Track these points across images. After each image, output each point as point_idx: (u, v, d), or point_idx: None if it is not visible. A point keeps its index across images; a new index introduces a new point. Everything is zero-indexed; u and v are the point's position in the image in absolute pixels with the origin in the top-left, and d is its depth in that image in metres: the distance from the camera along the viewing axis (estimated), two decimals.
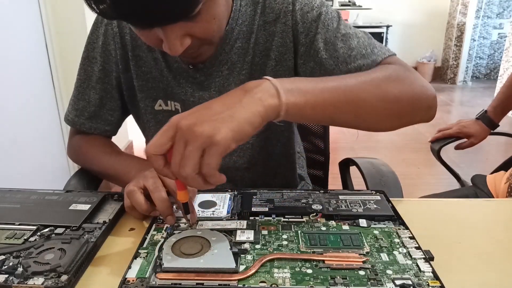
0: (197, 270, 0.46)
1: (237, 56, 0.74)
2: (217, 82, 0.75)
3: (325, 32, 0.70)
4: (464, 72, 5.22)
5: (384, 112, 0.60)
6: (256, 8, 0.73)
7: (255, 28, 0.73)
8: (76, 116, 0.80)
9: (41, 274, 0.46)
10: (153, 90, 0.77)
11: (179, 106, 0.78)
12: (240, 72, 0.75)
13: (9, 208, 0.62)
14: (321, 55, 0.70)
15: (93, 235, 0.55)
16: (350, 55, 0.68)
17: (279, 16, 0.73)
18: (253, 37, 0.73)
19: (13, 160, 1.60)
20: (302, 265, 0.48)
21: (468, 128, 1.31)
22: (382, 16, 5.27)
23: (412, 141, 3.20)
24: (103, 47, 0.77)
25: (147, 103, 0.79)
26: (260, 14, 0.73)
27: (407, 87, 0.62)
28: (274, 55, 0.74)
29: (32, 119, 1.76)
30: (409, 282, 0.45)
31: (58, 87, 1.93)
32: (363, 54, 0.68)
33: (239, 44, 0.73)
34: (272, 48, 0.74)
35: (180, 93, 0.76)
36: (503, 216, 0.65)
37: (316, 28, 0.70)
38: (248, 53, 0.74)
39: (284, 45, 0.73)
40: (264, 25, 0.73)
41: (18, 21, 1.66)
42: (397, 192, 0.78)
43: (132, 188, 0.58)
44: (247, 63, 0.74)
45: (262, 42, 0.74)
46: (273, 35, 0.74)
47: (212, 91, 0.75)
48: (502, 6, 5.18)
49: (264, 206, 0.61)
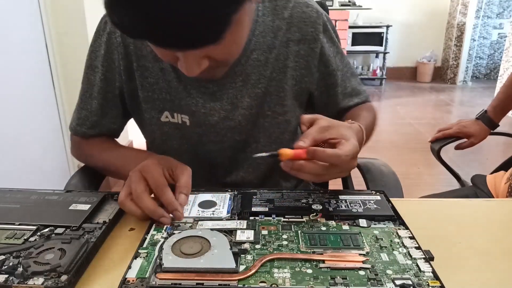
0: (197, 270, 0.46)
1: (252, 68, 0.73)
2: (230, 93, 0.74)
3: (342, 68, 0.81)
4: (464, 72, 5.23)
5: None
6: (279, 22, 0.73)
7: (278, 43, 0.73)
8: (78, 125, 0.80)
9: (41, 274, 0.46)
10: (159, 102, 0.75)
11: (187, 119, 0.76)
12: (256, 86, 0.74)
13: (9, 208, 0.62)
14: (336, 90, 0.81)
15: (93, 235, 0.55)
16: (352, 94, 0.83)
17: (305, 38, 0.74)
18: (274, 52, 0.73)
19: (13, 160, 1.60)
20: (302, 265, 0.48)
21: (468, 128, 1.31)
22: (382, 16, 5.27)
23: (412, 141, 3.21)
24: (105, 56, 0.75)
25: (152, 114, 0.77)
26: (285, 31, 0.73)
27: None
28: (296, 74, 0.76)
29: (32, 119, 1.76)
30: (409, 282, 0.45)
31: (58, 87, 1.93)
32: (357, 94, 0.84)
33: (255, 56, 0.72)
34: (293, 67, 0.75)
35: (190, 104, 0.74)
36: (503, 216, 0.65)
37: (337, 64, 0.79)
38: (266, 68, 0.73)
39: (308, 68, 0.76)
40: (288, 42, 0.74)
41: (18, 21, 1.66)
42: (398, 193, 0.78)
43: (122, 199, 0.58)
44: (264, 78, 0.74)
45: (282, 59, 0.74)
46: (295, 54, 0.74)
47: (225, 102, 0.74)
48: (502, 6, 5.18)
49: (264, 206, 0.61)
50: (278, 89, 0.75)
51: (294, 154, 0.56)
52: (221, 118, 0.75)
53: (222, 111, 0.75)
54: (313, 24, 0.74)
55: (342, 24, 4.68)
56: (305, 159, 0.56)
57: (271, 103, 0.76)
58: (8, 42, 1.59)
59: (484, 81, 5.39)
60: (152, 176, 0.58)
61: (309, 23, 0.74)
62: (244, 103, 0.74)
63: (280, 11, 0.73)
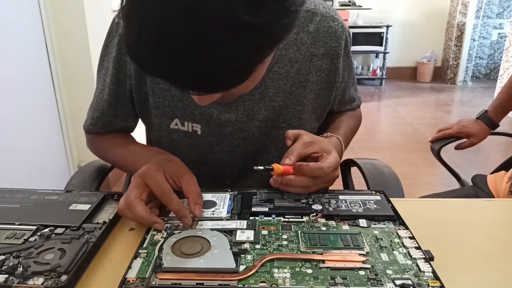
0: (197, 270, 0.46)
1: (271, 81, 0.72)
2: (247, 105, 0.73)
3: (347, 80, 0.84)
4: (464, 72, 5.22)
5: None
6: (303, 35, 0.72)
7: (300, 57, 0.72)
8: (92, 125, 0.80)
9: (41, 274, 0.46)
10: (170, 109, 0.74)
11: (198, 127, 0.74)
12: (274, 99, 0.73)
13: (9, 208, 0.62)
14: (336, 98, 0.83)
15: (93, 235, 0.55)
16: (347, 101, 0.88)
17: (329, 53, 0.74)
18: (296, 66, 0.72)
19: (13, 160, 1.60)
20: (302, 265, 0.48)
21: (468, 128, 1.31)
22: (382, 16, 5.26)
23: (412, 141, 3.21)
24: (117, 57, 0.74)
25: (162, 120, 0.76)
26: (310, 46, 0.72)
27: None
28: (316, 88, 0.76)
29: (32, 119, 1.76)
30: (409, 282, 0.45)
31: (58, 87, 1.93)
32: (352, 101, 0.89)
33: (276, 69, 0.71)
34: (315, 82, 0.75)
35: (205, 114, 0.73)
36: (503, 216, 0.65)
37: (344, 78, 0.81)
38: (287, 81, 0.72)
39: (328, 82, 0.76)
40: (311, 57, 0.73)
41: (18, 21, 1.66)
42: (399, 194, 0.78)
43: (121, 207, 0.57)
44: (283, 91, 0.73)
45: (304, 73, 0.73)
46: (318, 69, 0.74)
47: (240, 114, 0.73)
48: (502, 6, 5.18)
49: (264, 206, 0.61)
50: (296, 103, 0.75)
51: (284, 170, 0.61)
52: (235, 129, 0.74)
53: (237, 123, 0.74)
54: (338, 40, 0.73)
55: None
56: (292, 174, 0.62)
57: (287, 116, 0.75)
58: (8, 42, 1.59)
59: (484, 81, 5.38)
60: (155, 183, 0.58)
61: (334, 38, 0.73)
62: (261, 116, 0.74)
63: (305, 24, 0.72)
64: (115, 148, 0.80)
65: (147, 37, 0.41)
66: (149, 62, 0.44)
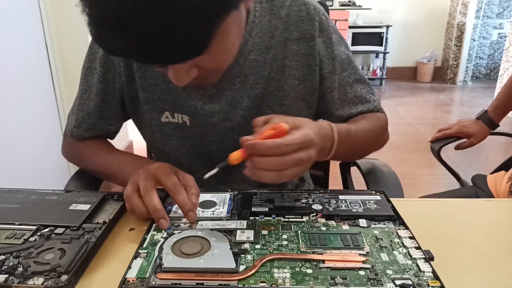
0: (197, 270, 0.46)
1: (250, 69, 0.73)
2: (229, 95, 0.74)
3: (341, 72, 0.77)
4: (464, 72, 5.23)
5: (368, 151, 0.81)
6: (276, 22, 0.72)
7: (275, 43, 0.72)
8: (76, 127, 0.79)
9: (41, 274, 0.46)
10: (160, 102, 0.75)
11: (187, 119, 0.75)
12: (254, 86, 0.74)
13: (9, 208, 0.62)
14: (334, 94, 0.78)
15: (93, 235, 0.55)
16: (354, 101, 0.79)
17: (304, 37, 0.73)
18: (271, 52, 0.73)
19: (13, 160, 1.60)
20: (302, 265, 0.48)
21: (468, 128, 1.31)
22: (382, 16, 5.27)
23: (412, 141, 3.21)
24: (104, 57, 0.75)
25: (153, 115, 0.77)
26: (283, 31, 0.72)
27: (386, 135, 0.84)
28: (298, 74, 0.75)
29: (32, 119, 1.76)
30: (409, 282, 0.45)
31: (58, 87, 1.92)
32: (363, 102, 0.79)
33: (253, 57, 0.72)
34: (294, 67, 0.74)
35: (189, 105, 0.74)
36: (503, 216, 0.65)
37: (334, 67, 0.76)
38: (264, 68, 0.73)
39: (310, 67, 0.75)
40: (285, 41, 0.73)
41: (18, 21, 1.66)
42: (398, 193, 0.78)
43: (129, 192, 0.58)
44: (262, 78, 0.73)
45: (281, 58, 0.73)
46: (295, 53, 0.73)
47: (223, 104, 0.74)
48: (502, 6, 5.18)
49: (264, 206, 0.61)
50: (277, 89, 0.75)
51: (242, 153, 0.54)
52: (220, 119, 0.75)
53: (222, 113, 0.75)
54: (310, 22, 0.73)
55: (342, 24, 4.68)
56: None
57: (270, 102, 0.76)
58: (8, 42, 1.59)
59: (484, 81, 5.39)
60: (168, 176, 0.58)
61: (306, 21, 0.73)
62: (243, 104, 0.74)
63: (277, 10, 0.73)
64: (99, 154, 0.79)
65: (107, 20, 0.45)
66: (109, 42, 0.48)
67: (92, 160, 0.80)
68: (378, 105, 0.81)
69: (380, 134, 0.80)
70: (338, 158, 0.83)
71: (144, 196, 0.57)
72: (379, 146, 0.82)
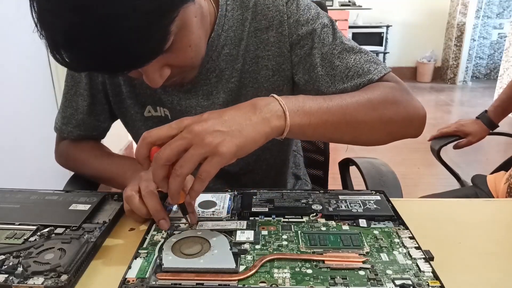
0: (197, 270, 0.46)
1: (225, 63, 0.72)
2: (205, 90, 0.73)
3: (321, 47, 0.69)
4: (464, 72, 5.22)
5: (379, 131, 0.65)
6: (246, 13, 0.71)
7: (245, 34, 0.71)
8: (64, 124, 0.79)
9: (41, 274, 0.46)
10: (141, 96, 0.76)
11: (168, 112, 0.76)
12: (229, 80, 0.73)
13: (9, 208, 0.62)
14: (317, 71, 0.69)
15: (93, 235, 0.55)
16: (347, 74, 0.68)
17: (272, 24, 0.71)
18: (243, 44, 0.71)
19: (13, 160, 1.60)
20: (302, 265, 0.48)
21: (466, 127, 1.31)
22: (382, 16, 5.27)
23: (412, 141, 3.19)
24: None
25: (136, 109, 0.77)
26: (251, 20, 0.71)
27: (402, 109, 0.66)
28: (271, 64, 0.73)
29: (32, 119, 1.76)
30: (409, 282, 0.45)
31: (58, 87, 1.92)
32: (360, 74, 0.67)
33: (226, 51, 0.71)
34: (266, 57, 0.72)
35: (166, 101, 0.74)
36: (503, 216, 0.65)
37: (312, 42, 0.69)
38: (237, 60, 0.72)
39: (282, 55, 0.72)
40: (255, 31, 0.71)
41: (18, 21, 1.66)
42: (397, 192, 0.78)
43: (130, 193, 0.58)
44: (236, 71, 0.73)
45: (253, 49, 0.72)
46: (266, 43, 0.72)
47: (200, 99, 0.74)
48: (502, 6, 5.18)
49: (264, 206, 0.61)
50: (252, 81, 0.74)
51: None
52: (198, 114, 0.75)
53: (199, 108, 0.74)
54: (277, 8, 0.71)
55: (342, 24, 4.68)
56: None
57: (247, 95, 0.75)
58: (7, 42, 1.59)
59: (484, 81, 5.38)
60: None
61: (272, 8, 0.71)
62: (220, 99, 0.74)
63: (247, 2, 0.71)
64: (96, 158, 0.79)
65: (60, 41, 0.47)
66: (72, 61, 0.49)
67: (89, 165, 0.79)
68: (382, 74, 0.68)
69: (383, 106, 0.63)
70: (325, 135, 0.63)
71: (145, 197, 0.57)
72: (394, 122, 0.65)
